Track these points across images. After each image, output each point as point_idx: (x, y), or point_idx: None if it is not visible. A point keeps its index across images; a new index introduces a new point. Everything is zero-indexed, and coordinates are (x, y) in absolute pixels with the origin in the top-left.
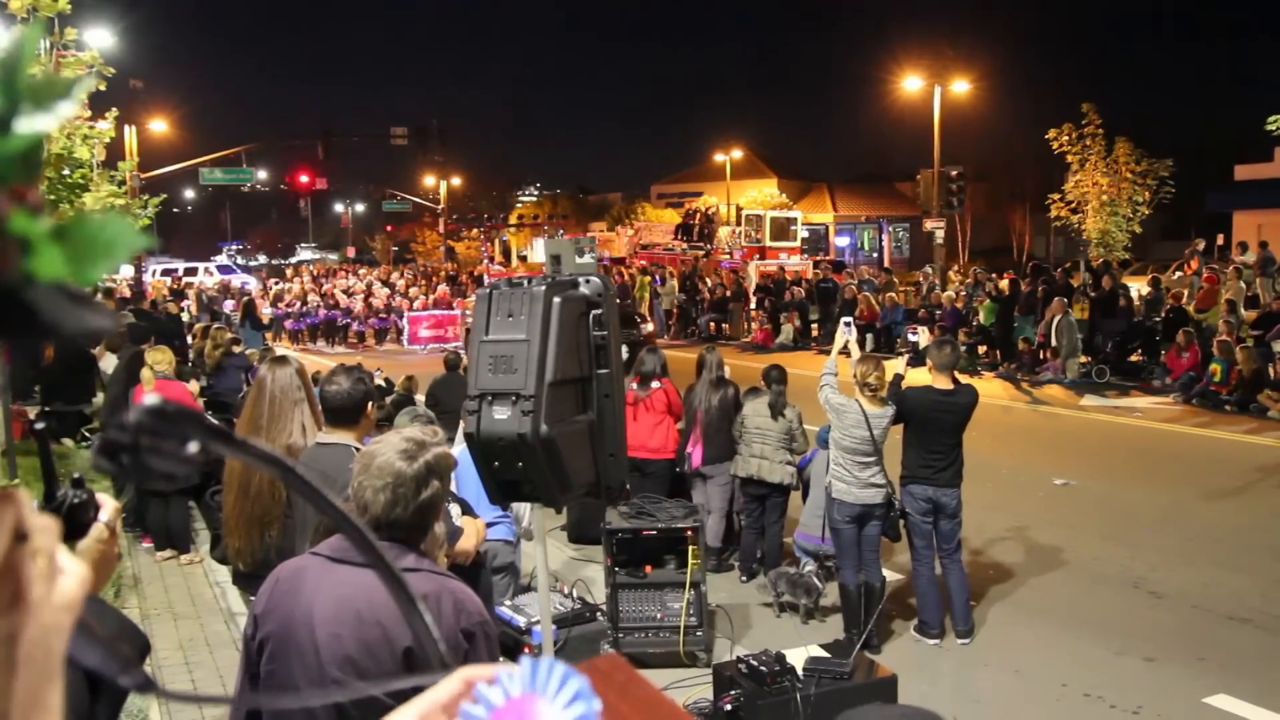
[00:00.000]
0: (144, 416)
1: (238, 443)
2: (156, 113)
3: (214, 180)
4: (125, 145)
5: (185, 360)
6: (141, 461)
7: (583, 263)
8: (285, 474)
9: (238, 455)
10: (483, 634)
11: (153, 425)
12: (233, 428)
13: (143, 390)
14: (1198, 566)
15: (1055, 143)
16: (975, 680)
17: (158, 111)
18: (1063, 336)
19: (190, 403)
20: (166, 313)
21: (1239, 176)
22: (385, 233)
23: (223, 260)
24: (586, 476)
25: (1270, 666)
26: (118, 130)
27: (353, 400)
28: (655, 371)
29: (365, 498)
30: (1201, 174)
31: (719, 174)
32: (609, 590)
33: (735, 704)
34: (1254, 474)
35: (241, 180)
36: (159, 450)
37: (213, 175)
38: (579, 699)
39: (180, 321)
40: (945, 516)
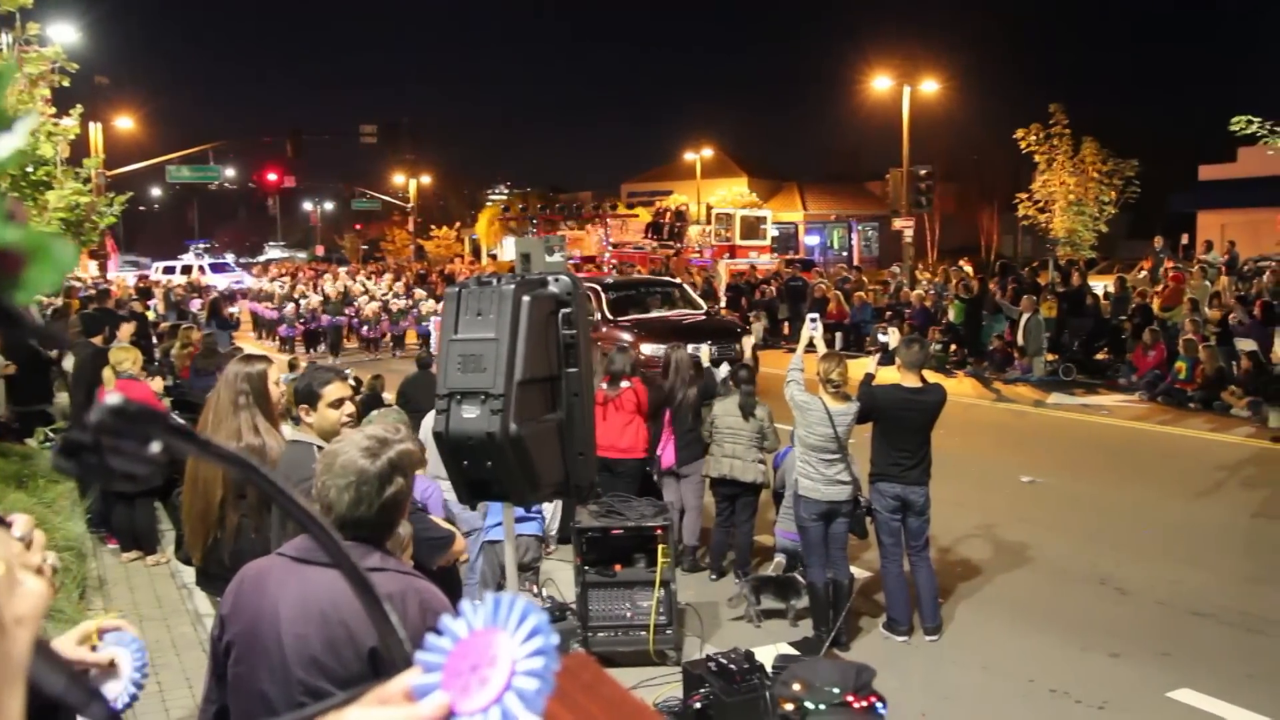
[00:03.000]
0: (105, 416)
1: (201, 442)
2: (122, 109)
3: (181, 178)
4: (90, 142)
5: (151, 360)
6: (103, 461)
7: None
8: (248, 473)
9: (202, 455)
10: None
11: (114, 425)
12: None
13: (105, 390)
14: (1162, 563)
15: (1023, 143)
16: (943, 677)
17: (123, 108)
18: (1030, 335)
19: (153, 402)
20: (131, 312)
21: (1203, 177)
22: (354, 231)
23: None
24: (555, 475)
25: (1233, 661)
26: (82, 127)
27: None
28: (625, 371)
29: (329, 497)
30: (1166, 174)
31: (689, 173)
32: (579, 589)
33: (705, 702)
34: (1217, 471)
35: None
36: (120, 450)
37: (180, 173)
38: (538, 633)
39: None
40: (914, 514)
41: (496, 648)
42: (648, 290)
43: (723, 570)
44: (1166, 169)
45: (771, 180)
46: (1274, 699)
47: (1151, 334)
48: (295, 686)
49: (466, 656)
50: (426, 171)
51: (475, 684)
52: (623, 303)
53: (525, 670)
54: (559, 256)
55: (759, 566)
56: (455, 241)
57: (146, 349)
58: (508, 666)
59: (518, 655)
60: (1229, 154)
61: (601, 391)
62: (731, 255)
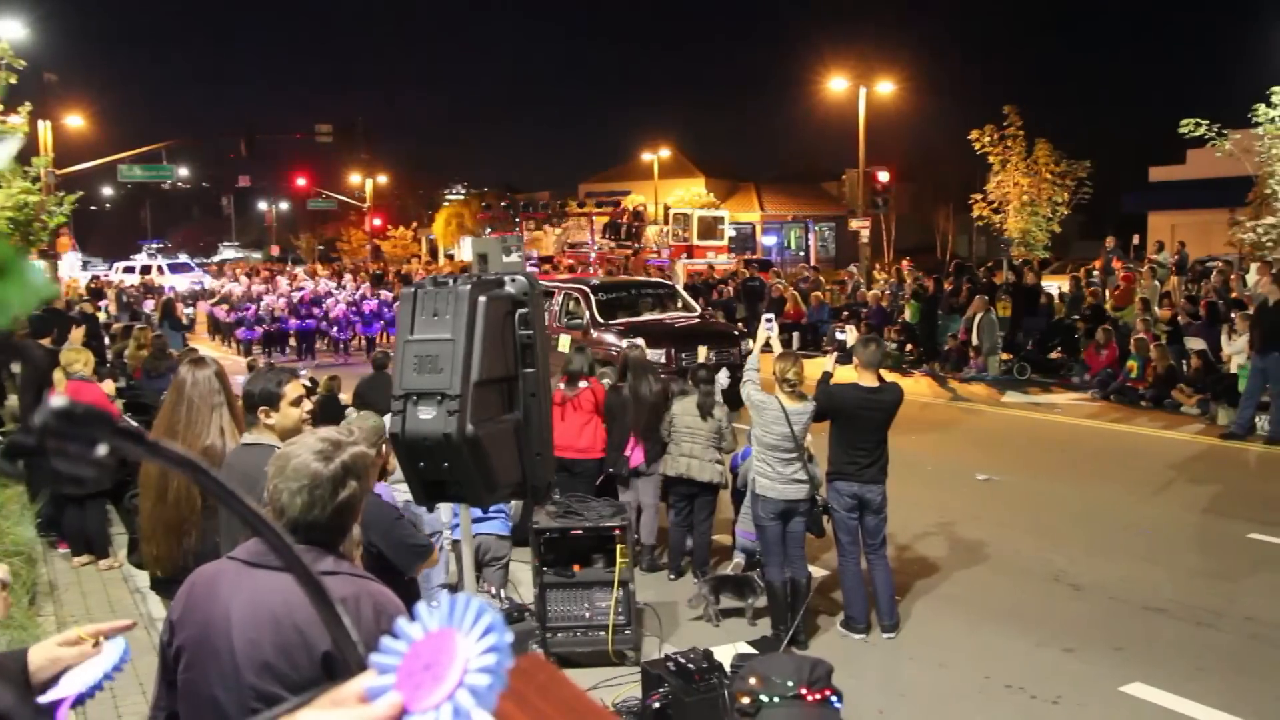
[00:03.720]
0: (51, 419)
1: (149, 445)
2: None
3: (133, 177)
4: (40, 141)
5: (103, 361)
6: (49, 464)
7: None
8: (197, 476)
9: (149, 457)
10: None
11: (60, 427)
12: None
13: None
14: (1115, 559)
15: (977, 144)
16: (901, 674)
17: (73, 106)
18: (985, 335)
19: (105, 405)
20: (82, 313)
21: (1153, 178)
22: (310, 231)
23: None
24: (512, 476)
25: (1184, 655)
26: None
27: (277, 399)
28: (583, 371)
29: (281, 500)
30: (1118, 176)
31: (647, 173)
32: (537, 590)
33: (663, 702)
34: (1168, 469)
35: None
36: (66, 453)
37: (132, 172)
38: (492, 631)
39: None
40: (871, 512)
41: (451, 647)
42: (639, 292)
43: (681, 570)
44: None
45: (729, 180)
46: (1224, 692)
47: (1104, 333)
48: (247, 691)
49: (421, 657)
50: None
51: (429, 682)
52: (612, 305)
53: (478, 667)
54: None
55: (717, 566)
56: (412, 241)
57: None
58: (461, 664)
59: (471, 654)
60: (1178, 156)
61: (559, 391)
62: (689, 255)
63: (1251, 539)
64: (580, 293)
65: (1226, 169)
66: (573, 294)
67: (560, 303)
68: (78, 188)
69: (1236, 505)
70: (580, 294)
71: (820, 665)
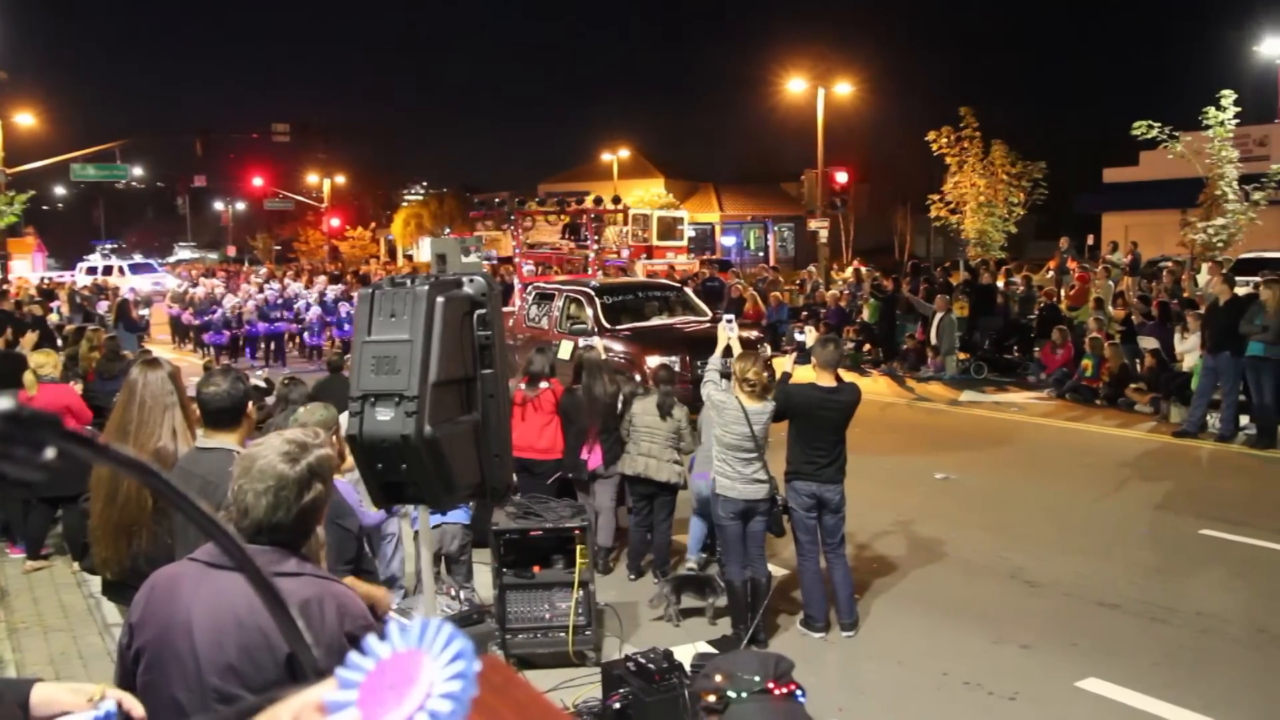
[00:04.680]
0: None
1: (98, 448)
2: (24, 106)
3: (86, 177)
4: None
5: None
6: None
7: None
8: (148, 478)
9: (99, 460)
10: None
11: (5, 431)
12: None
13: (25, 395)
14: (1070, 556)
15: (934, 145)
16: (860, 672)
17: (25, 104)
18: (943, 334)
19: (78, 406)
20: (32, 316)
21: (1107, 179)
22: (267, 231)
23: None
24: (471, 477)
25: (1138, 650)
26: None
27: (232, 401)
28: (544, 371)
29: (246, 501)
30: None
31: (606, 173)
32: (497, 591)
33: (624, 702)
34: (1122, 466)
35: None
36: (11, 457)
37: (85, 171)
38: (460, 658)
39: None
40: (829, 512)
41: (417, 670)
42: (645, 295)
43: (641, 570)
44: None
45: (688, 181)
46: (1177, 685)
47: (1060, 333)
48: (209, 694)
49: (386, 676)
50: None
51: (390, 701)
52: (618, 309)
53: (442, 693)
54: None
55: (677, 566)
56: (370, 242)
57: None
58: (425, 688)
59: (437, 678)
60: (1131, 158)
61: (520, 392)
62: (649, 256)
63: (1203, 535)
64: (584, 295)
65: (1178, 171)
66: (575, 297)
67: (561, 306)
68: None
69: (1188, 502)
70: (583, 297)
71: (784, 661)
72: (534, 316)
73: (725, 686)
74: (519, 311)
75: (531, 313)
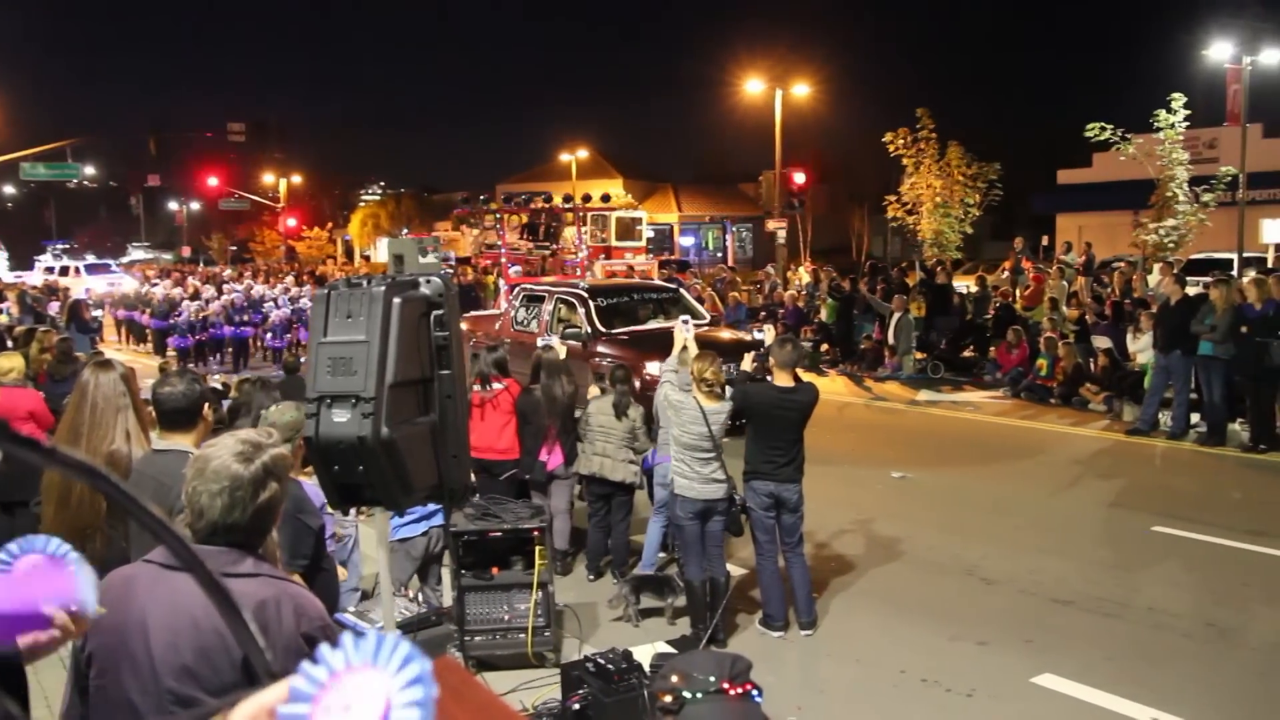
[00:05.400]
0: None
1: (46, 451)
2: None
3: (36, 176)
4: None
5: None
6: None
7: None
8: (96, 481)
9: (46, 463)
10: (324, 638)
11: None
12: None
13: None
14: (1025, 553)
15: (891, 146)
16: (819, 670)
17: None
18: (901, 334)
19: (40, 410)
20: None
21: (1061, 181)
22: (223, 231)
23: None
24: (429, 479)
25: (1091, 645)
26: None
27: (188, 402)
28: (490, 371)
29: (201, 503)
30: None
31: (564, 173)
32: (455, 593)
33: (583, 703)
34: (1076, 464)
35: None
36: None
37: (35, 170)
38: (419, 682)
39: None
40: (787, 511)
41: (373, 691)
42: (640, 297)
43: (600, 571)
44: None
45: (647, 181)
46: (1129, 680)
47: (1015, 333)
48: (165, 696)
49: (340, 690)
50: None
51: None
52: (612, 313)
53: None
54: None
55: (635, 566)
56: (328, 243)
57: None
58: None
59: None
60: (1085, 159)
61: (477, 393)
62: (607, 256)
63: (1154, 531)
64: (575, 298)
65: (1130, 172)
66: (566, 299)
67: (551, 310)
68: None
69: (1140, 499)
70: (576, 299)
71: (740, 660)
72: (522, 320)
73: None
74: (506, 314)
75: (519, 315)
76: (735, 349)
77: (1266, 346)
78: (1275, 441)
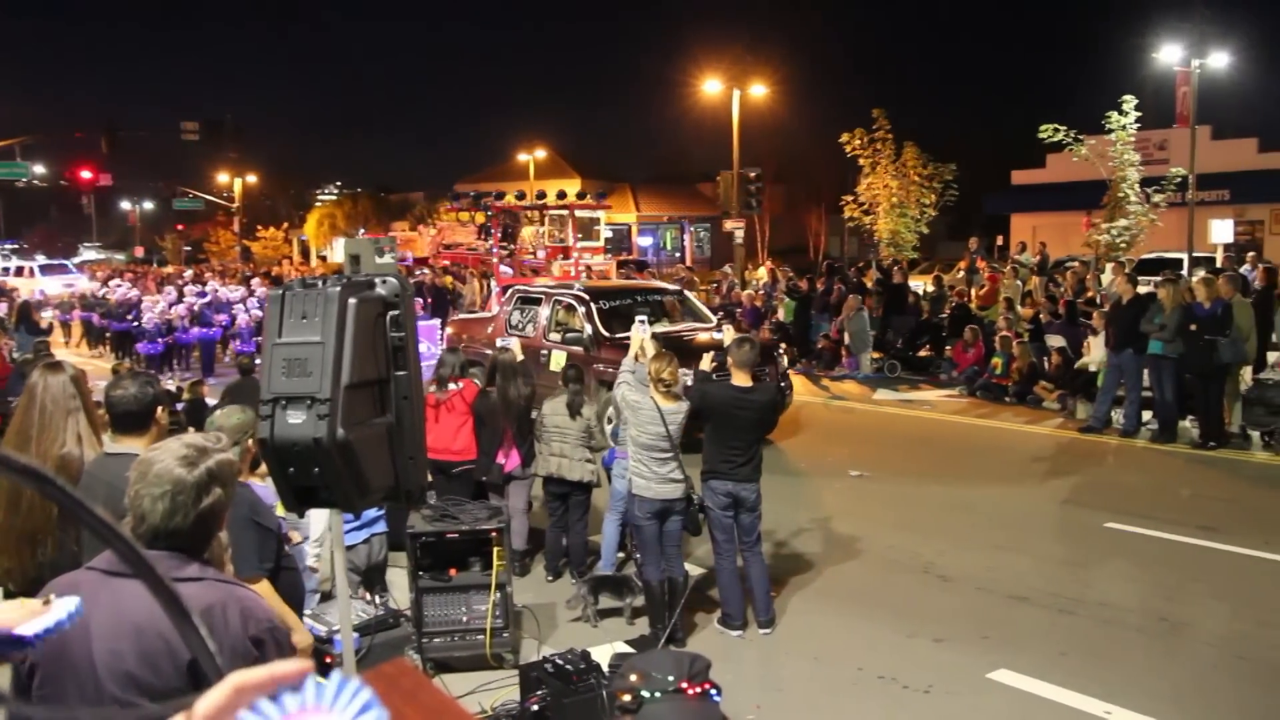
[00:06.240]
0: None
1: None
2: None
3: None
4: None
5: None
6: None
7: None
8: (43, 486)
9: None
10: (272, 640)
11: None
12: None
13: None
14: (982, 550)
15: (848, 146)
16: (777, 669)
17: None
18: (857, 334)
19: None
20: None
21: (1015, 181)
22: (176, 232)
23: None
24: (385, 480)
25: (1047, 641)
26: None
27: (140, 405)
28: (454, 373)
29: (143, 506)
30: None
31: (522, 173)
32: (413, 594)
33: (542, 704)
34: (1031, 461)
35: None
36: None
37: None
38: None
39: None
40: (745, 510)
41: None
42: (644, 299)
43: (559, 571)
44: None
45: (605, 181)
46: (1084, 675)
47: (972, 332)
48: (109, 703)
49: None
50: (252, 171)
51: None
52: (614, 316)
53: None
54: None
55: (593, 566)
56: (283, 243)
57: None
58: None
59: None
60: (1038, 160)
61: (432, 394)
62: (565, 256)
63: (1108, 528)
64: (576, 300)
65: (1083, 173)
66: (566, 302)
67: (549, 313)
68: None
69: (1094, 496)
70: (577, 301)
71: (699, 660)
72: (517, 323)
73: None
74: (499, 317)
75: (514, 319)
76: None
77: (1214, 345)
78: (1224, 439)
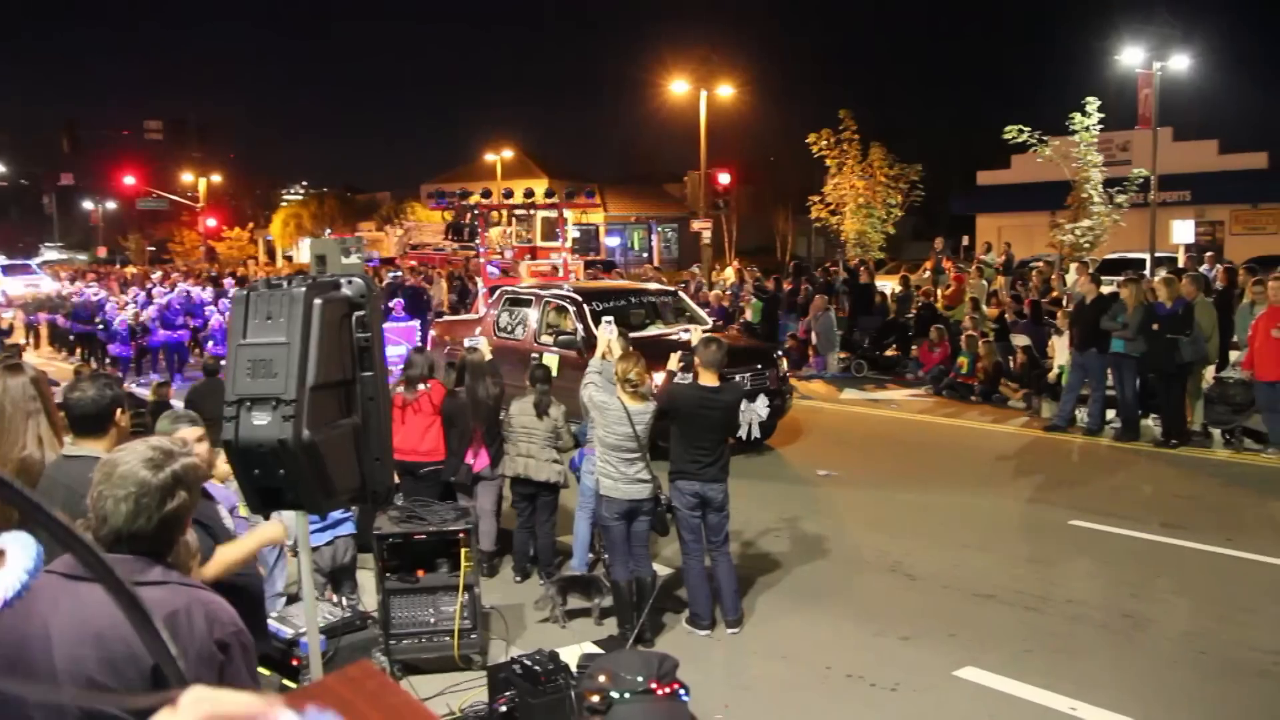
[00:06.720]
0: None
1: None
2: None
3: None
4: None
5: None
6: None
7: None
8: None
9: None
10: (238, 644)
11: None
12: None
13: None
14: (948, 549)
15: (815, 147)
16: (745, 668)
17: None
18: (824, 333)
19: None
20: None
21: (981, 182)
22: (140, 232)
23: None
24: (351, 481)
25: (1012, 638)
26: None
27: (99, 407)
28: (423, 374)
29: (105, 509)
30: (948, 179)
31: (489, 173)
32: (380, 596)
33: (510, 705)
34: (996, 460)
35: None
36: None
37: None
38: None
39: None
40: (713, 510)
41: None
42: (637, 301)
43: (526, 572)
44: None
45: (572, 181)
46: (1049, 672)
47: (938, 331)
48: (70, 711)
49: None
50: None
51: None
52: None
53: None
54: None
55: (562, 566)
56: (249, 243)
57: None
58: None
59: None
60: (1004, 161)
61: (399, 395)
62: (533, 256)
63: (1072, 525)
64: (568, 301)
65: (1047, 174)
66: (557, 304)
67: (539, 315)
68: None
69: (1059, 494)
70: (568, 303)
71: (668, 660)
72: (505, 325)
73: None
74: (486, 319)
75: (502, 321)
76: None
77: (1176, 344)
78: (1186, 437)
